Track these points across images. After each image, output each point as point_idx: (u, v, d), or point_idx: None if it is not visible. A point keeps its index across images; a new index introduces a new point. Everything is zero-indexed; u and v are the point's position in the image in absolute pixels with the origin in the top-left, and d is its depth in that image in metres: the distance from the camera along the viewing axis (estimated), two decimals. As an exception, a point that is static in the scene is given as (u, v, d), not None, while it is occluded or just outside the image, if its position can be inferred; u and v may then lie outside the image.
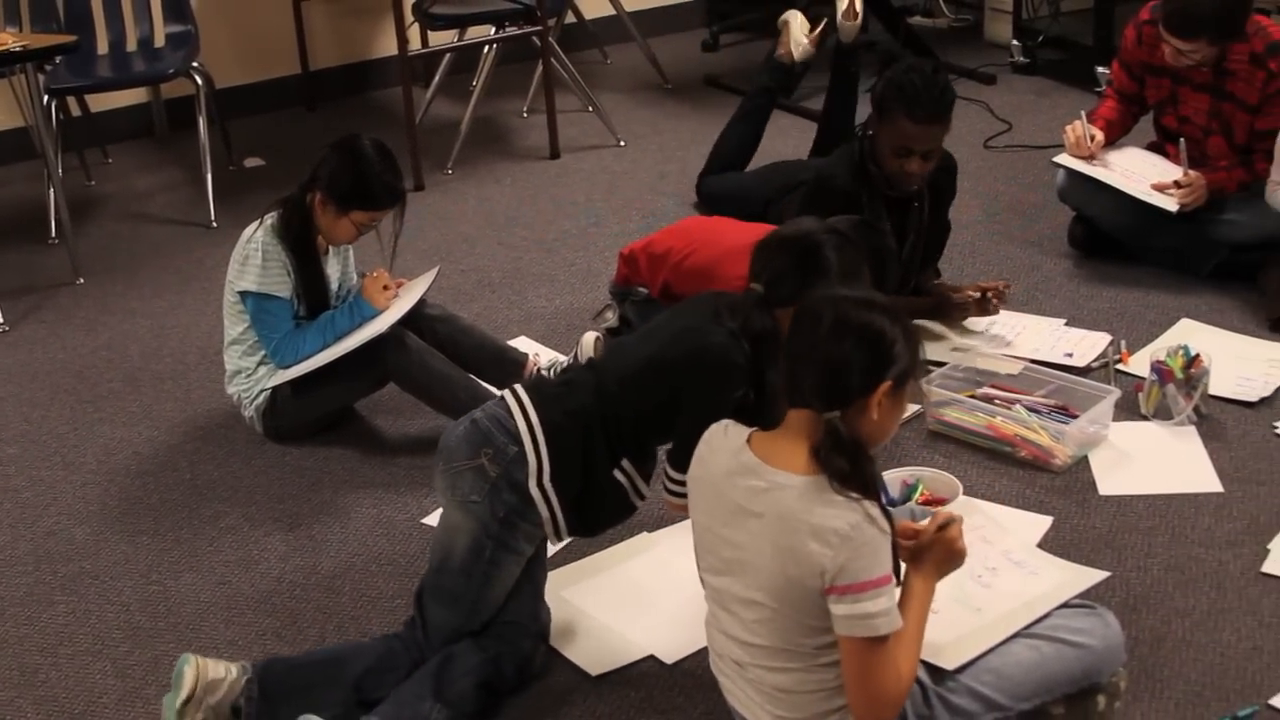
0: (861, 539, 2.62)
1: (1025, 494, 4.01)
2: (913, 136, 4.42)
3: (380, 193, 4.25)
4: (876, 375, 2.69)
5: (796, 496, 2.68)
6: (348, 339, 4.27)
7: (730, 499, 2.79)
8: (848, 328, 2.70)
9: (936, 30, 7.90)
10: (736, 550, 2.79)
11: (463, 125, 6.52)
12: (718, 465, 2.85)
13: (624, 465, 3.33)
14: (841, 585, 2.63)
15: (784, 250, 3.25)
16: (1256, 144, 5.03)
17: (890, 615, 2.65)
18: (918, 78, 4.41)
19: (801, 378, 2.73)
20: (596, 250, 5.56)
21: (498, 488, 3.25)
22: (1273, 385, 4.43)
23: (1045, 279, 5.21)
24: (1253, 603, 3.57)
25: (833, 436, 2.66)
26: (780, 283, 3.19)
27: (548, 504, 3.28)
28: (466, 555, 3.28)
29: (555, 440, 3.26)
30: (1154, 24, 5.01)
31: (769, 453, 2.77)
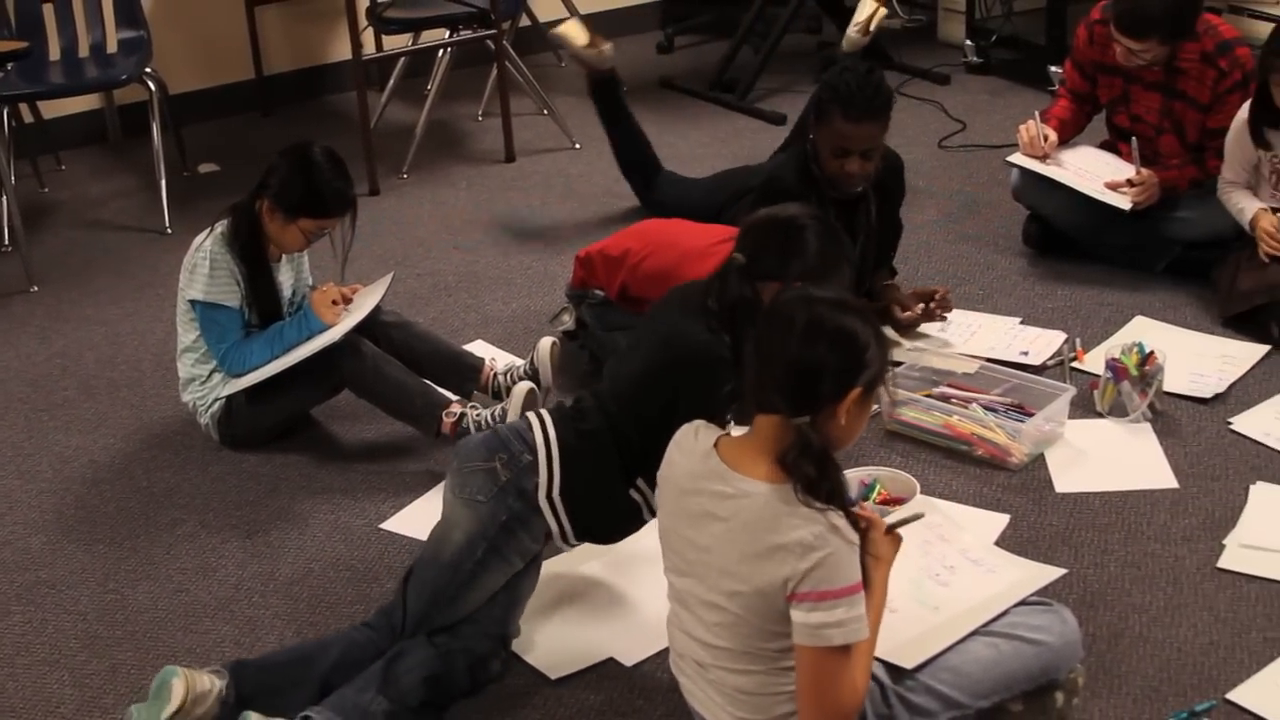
0: (827, 548, 2.61)
1: (982, 492, 4.02)
2: (849, 136, 4.44)
3: (328, 201, 4.23)
4: (848, 381, 2.68)
5: (762, 505, 2.68)
6: (301, 347, 4.25)
7: (696, 502, 2.79)
8: (821, 331, 2.68)
9: (890, 30, 7.89)
10: (700, 553, 2.79)
11: (418, 129, 6.50)
12: (686, 467, 2.85)
13: (639, 484, 3.38)
14: (802, 593, 2.62)
15: (770, 228, 3.31)
16: (1208, 142, 5.06)
17: (848, 627, 2.63)
18: (852, 78, 4.42)
19: (771, 382, 2.71)
20: (553, 253, 5.56)
21: (505, 492, 3.30)
22: (1226, 381, 4.46)
23: (1000, 278, 5.23)
24: (1209, 598, 3.59)
25: (801, 443, 2.64)
26: (763, 256, 3.23)
27: (555, 517, 3.35)
28: (458, 551, 3.31)
29: (568, 458, 3.34)
30: (1105, 23, 5.03)
31: (736, 459, 2.77)
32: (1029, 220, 5.41)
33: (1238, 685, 3.29)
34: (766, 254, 3.24)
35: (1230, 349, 4.66)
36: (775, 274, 3.20)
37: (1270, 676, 3.31)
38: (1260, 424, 4.26)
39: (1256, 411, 4.32)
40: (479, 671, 3.32)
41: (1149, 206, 5.05)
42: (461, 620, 3.33)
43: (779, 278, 3.19)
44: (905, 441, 4.26)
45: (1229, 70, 4.95)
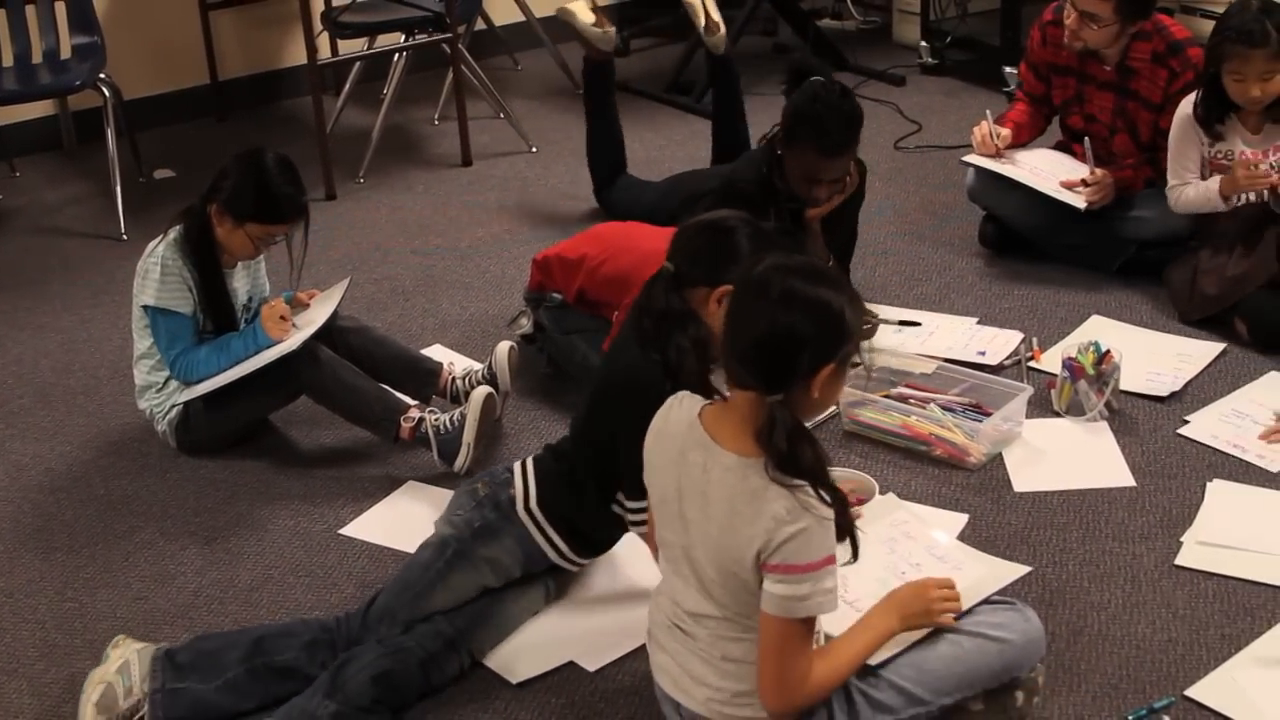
0: (798, 523, 2.64)
1: (941, 492, 4.03)
2: (822, 168, 4.49)
3: (277, 206, 4.20)
4: (824, 355, 2.69)
5: (739, 478, 2.72)
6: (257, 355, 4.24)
7: (684, 473, 2.83)
8: (796, 302, 2.68)
9: (845, 32, 7.93)
10: (689, 524, 2.82)
11: (374, 134, 6.49)
12: (674, 436, 2.88)
13: (619, 499, 3.46)
14: (772, 564, 2.67)
15: (699, 234, 3.32)
16: (1161, 142, 5.07)
17: (812, 601, 2.67)
18: (824, 110, 4.45)
19: (744, 357, 2.72)
20: (510, 257, 5.55)
21: (482, 505, 3.45)
22: (1183, 379, 4.48)
23: (957, 278, 5.25)
24: (1167, 595, 3.61)
25: (774, 420, 2.67)
26: (692, 263, 3.25)
27: (539, 529, 3.44)
28: (431, 550, 3.44)
29: (542, 473, 3.48)
30: (1058, 24, 5.07)
31: (717, 430, 2.80)
32: (985, 221, 5.43)
33: (1196, 682, 3.31)
34: (696, 261, 3.25)
35: (1186, 347, 4.68)
36: (706, 280, 3.22)
37: (1228, 673, 3.33)
38: (1207, 427, 4.29)
39: (1204, 413, 4.35)
40: (432, 670, 3.32)
41: (1104, 206, 5.08)
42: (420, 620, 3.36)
43: (710, 284, 3.21)
44: (864, 442, 4.27)
45: (1181, 70, 4.98)
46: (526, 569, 3.50)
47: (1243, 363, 4.57)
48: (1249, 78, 4.53)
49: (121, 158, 6.12)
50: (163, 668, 3.30)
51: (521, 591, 3.51)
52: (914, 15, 7.61)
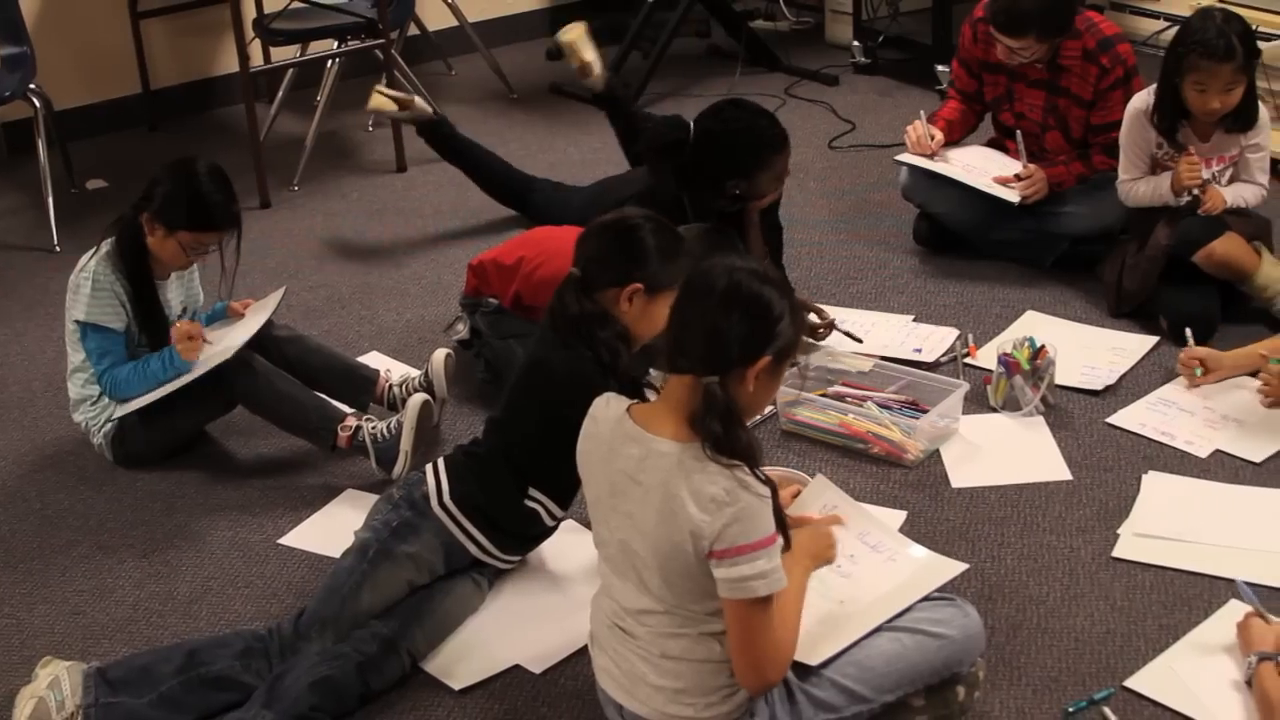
0: (738, 503, 2.68)
1: (879, 489, 4.05)
2: (784, 160, 4.56)
3: (207, 214, 4.18)
4: (759, 346, 2.74)
5: (675, 464, 2.74)
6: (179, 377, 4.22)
7: (616, 468, 2.85)
8: (739, 296, 2.75)
9: (778, 33, 7.95)
10: (625, 518, 2.84)
11: (308, 141, 6.46)
12: (603, 436, 2.91)
13: (533, 494, 3.51)
14: (720, 550, 2.69)
15: (602, 235, 3.40)
16: (1093, 138, 5.12)
17: (770, 577, 2.70)
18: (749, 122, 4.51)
19: (686, 341, 2.77)
20: (446, 262, 5.54)
21: (398, 506, 3.50)
22: (1117, 373, 4.52)
23: (892, 276, 5.27)
24: (1104, 587, 3.63)
25: (709, 400, 2.71)
26: (599, 266, 3.33)
27: (456, 523, 3.48)
28: (353, 555, 3.47)
29: (454, 468, 3.53)
30: (988, 21, 5.08)
31: (648, 420, 2.84)
32: (919, 218, 5.45)
33: (1135, 672, 3.34)
34: (602, 263, 3.34)
35: (1120, 341, 4.72)
36: (614, 281, 3.31)
37: (1166, 663, 3.36)
38: (1135, 415, 4.33)
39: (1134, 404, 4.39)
40: (371, 674, 3.32)
41: (1037, 202, 5.11)
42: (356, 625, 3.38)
43: (619, 284, 3.27)
44: (801, 441, 4.28)
45: (1111, 67, 5.01)
46: (449, 564, 3.52)
47: (1176, 356, 4.59)
48: (1211, 90, 4.53)
49: (53, 168, 6.07)
50: (95, 683, 3.28)
51: (450, 586, 3.52)
52: (846, 15, 7.62)
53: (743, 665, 2.79)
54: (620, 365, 3.27)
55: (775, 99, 6.89)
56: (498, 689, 3.41)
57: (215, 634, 3.50)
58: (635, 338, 3.39)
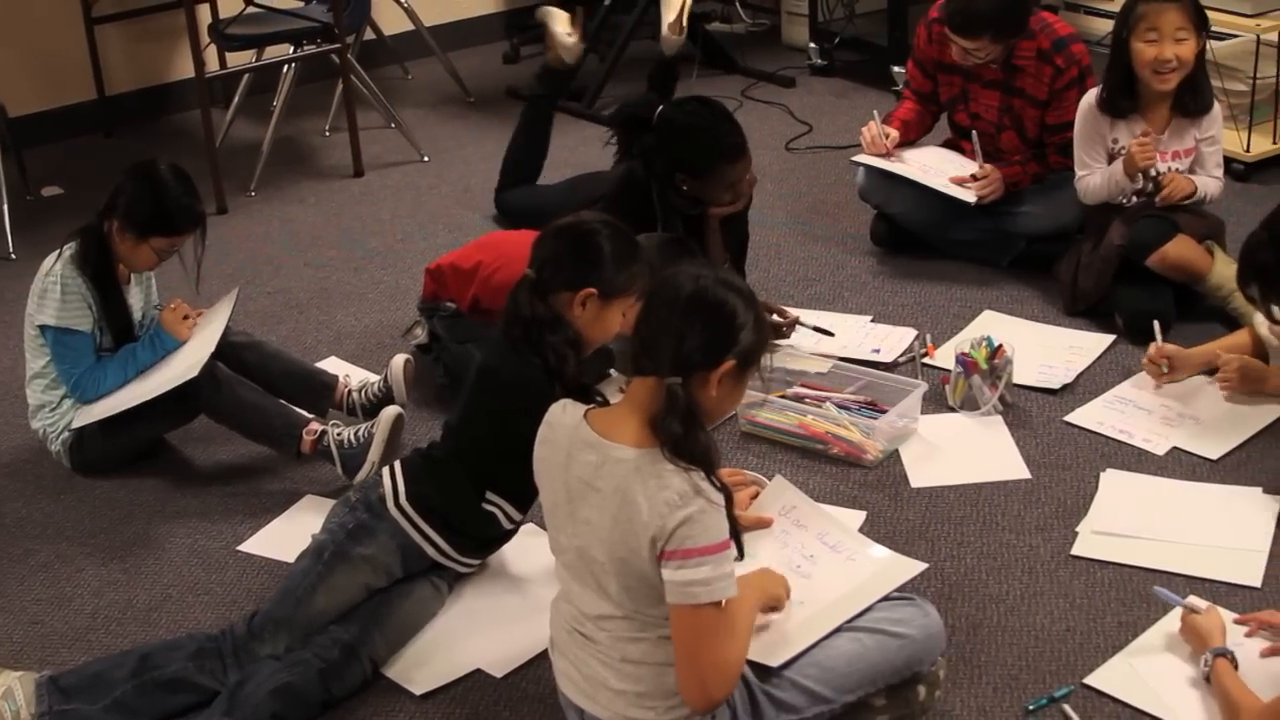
0: (691, 506, 2.68)
1: (839, 490, 4.06)
2: (740, 170, 4.56)
3: (180, 218, 4.19)
4: (722, 350, 2.76)
5: (632, 468, 2.74)
6: (155, 376, 4.20)
7: (573, 474, 2.85)
8: (703, 302, 2.76)
9: (735, 35, 7.96)
10: (583, 524, 2.84)
11: (264, 146, 6.44)
12: (560, 442, 2.90)
13: (490, 497, 3.50)
14: (669, 551, 2.69)
15: (559, 238, 3.41)
16: (1048, 138, 5.14)
17: (714, 585, 2.69)
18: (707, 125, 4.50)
19: (651, 344, 2.78)
20: (404, 267, 5.53)
21: (354, 509, 3.49)
22: (1074, 372, 4.54)
23: (850, 277, 5.28)
24: (1064, 585, 3.65)
25: (671, 401, 2.72)
26: (553, 268, 3.34)
27: (412, 524, 3.47)
28: (309, 557, 3.46)
29: (410, 470, 3.53)
30: (943, 22, 5.10)
31: (606, 426, 2.84)
32: (876, 219, 5.46)
33: (1094, 669, 3.35)
34: (557, 266, 3.35)
35: (1077, 340, 4.74)
36: (569, 285, 3.32)
37: (1125, 660, 3.37)
38: (1093, 414, 4.35)
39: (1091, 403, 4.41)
40: (332, 680, 3.31)
41: (994, 202, 5.13)
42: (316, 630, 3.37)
43: (573, 288, 3.29)
44: (761, 443, 4.29)
45: (1065, 67, 5.03)
46: (406, 567, 3.51)
47: (1133, 354, 4.62)
48: (1163, 36, 4.55)
49: (8, 175, 6.03)
50: (49, 691, 3.27)
51: (409, 589, 3.52)
52: (802, 17, 7.64)
53: (686, 677, 2.76)
54: (568, 371, 3.28)
55: (732, 101, 6.89)
56: (459, 693, 3.40)
57: (168, 638, 3.49)
58: (587, 343, 3.40)
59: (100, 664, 3.36)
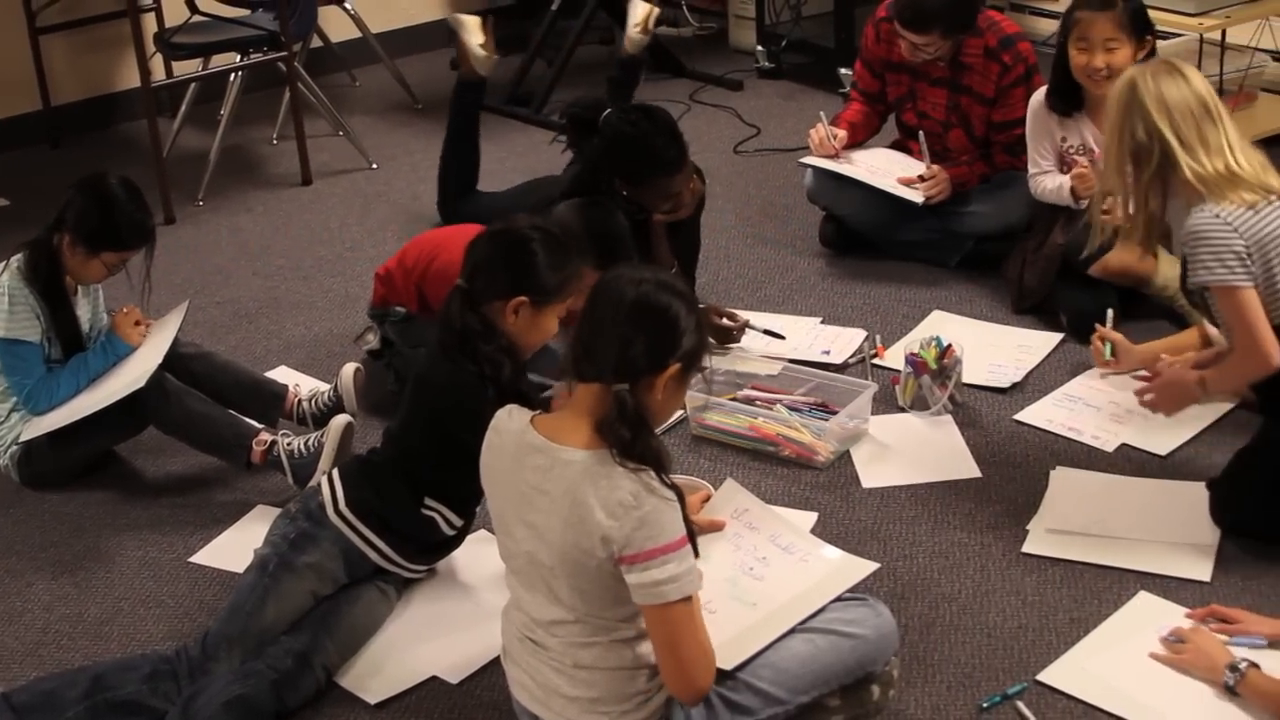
0: (645, 507, 2.68)
1: (791, 491, 4.06)
2: (677, 182, 4.56)
3: (130, 233, 4.18)
4: (666, 355, 2.77)
5: (581, 471, 2.74)
6: (105, 386, 4.18)
7: (522, 479, 2.84)
8: (646, 307, 2.77)
9: (682, 39, 7.97)
10: (532, 529, 2.83)
11: (212, 155, 6.41)
12: (507, 448, 2.90)
13: (429, 503, 3.50)
14: (629, 555, 2.69)
15: (490, 245, 3.41)
16: (995, 136, 5.17)
17: (682, 581, 2.70)
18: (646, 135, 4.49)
19: (594, 349, 2.79)
20: (354, 274, 5.52)
21: (295, 519, 3.48)
22: (1024, 370, 4.56)
23: (800, 279, 5.30)
24: (1015, 583, 3.66)
25: (619, 407, 2.72)
26: (485, 277, 3.35)
27: (354, 530, 3.47)
28: (254, 571, 3.45)
29: (348, 477, 3.52)
30: (890, 21, 5.13)
31: (553, 430, 2.83)
32: (825, 221, 5.48)
33: (1047, 666, 3.37)
34: (490, 275, 3.36)
35: (1026, 338, 4.76)
36: (501, 294, 3.33)
37: (1077, 656, 3.40)
38: (1042, 412, 4.38)
39: (1040, 401, 4.44)
40: (286, 691, 3.30)
41: (941, 202, 5.15)
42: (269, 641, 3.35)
43: (505, 296, 3.30)
44: (712, 445, 4.30)
45: (1012, 65, 5.06)
46: (351, 572, 3.51)
47: (1081, 352, 4.64)
48: (1094, 45, 4.58)
49: (-46, 188, 6.01)
50: (1, 709, 3.24)
51: (356, 595, 3.51)
52: (749, 20, 7.65)
53: (671, 673, 2.78)
54: (503, 379, 3.29)
55: (680, 105, 6.91)
56: (414, 702, 3.40)
57: (122, 657, 3.47)
58: (521, 350, 3.41)
59: (53, 681, 3.33)
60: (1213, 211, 3.55)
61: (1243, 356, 3.63)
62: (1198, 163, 3.58)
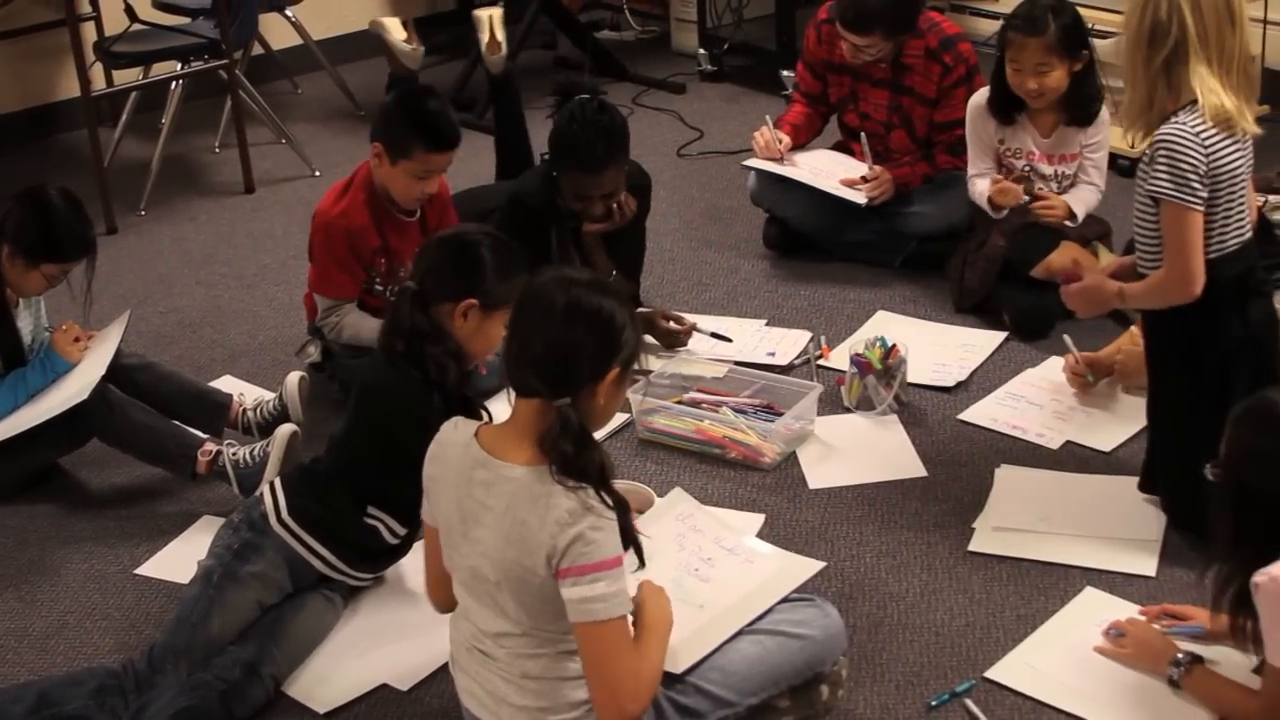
0: (581, 524, 2.67)
1: (738, 493, 4.07)
2: (588, 185, 4.54)
3: (71, 245, 4.14)
4: (607, 361, 2.74)
5: (523, 487, 2.73)
6: (47, 399, 4.15)
7: (467, 493, 2.83)
8: (580, 313, 2.73)
9: (624, 43, 7.98)
10: (476, 544, 2.82)
11: (153, 164, 6.37)
12: (452, 460, 2.88)
13: (371, 511, 3.50)
14: (564, 569, 2.68)
15: (440, 249, 3.43)
16: (936, 136, 5.19)
17: (611, 601, 2.69)
18: (579, 128, 4.50)
19: (529, 366, 2.75)
20: (298, 283, 5.46)
21: (238, 530, 3.47)
22: (968, 369, 4.58)
23: (744, 281, 5.31)
24: (962, 581, 3.68)
25: (564, 425, 2.70)
26: (435, 280, 3.36)
27: (297, 539, 3.47)
28: (198, 583, 3.44)
29: (290, 486, 3.52)
30: (832, 22, 5.15)
31: (496, 445, 2.81)
32: (769, 223, 5.49)
33: (995, 663, 3.38)
34: (440, 278, 3.37)
35: (970, 338, 4.78)
36: (450, 296, 3.35)
37: (1024, 653, 3.41)
38: (986, 411, 4.40)
39: (984, 400, 4.46)
40: (234, 701, 3.29)
41: (884, 203, 5.17)
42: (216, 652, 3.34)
43: (454, 299, 3.32)
44: (659, 449, 4.30)
45: (953, 65, 5.09)
46: (296, 581, 3.50)
47: (1025, 350, 4.68)
48: (1025, 68, 4.61)
49: (-110, 200, 5.95)
50: None
51: (301, 603, 3.50)
52: (691, 23, 7.67)
53: (598, 692, 2.75)
54: (448, 382, 3.29)
55: (623, 108, 6.82)
56: (363, 710, 3.39)
57: (68, 672, 3.45)
58: (469, 355, 3.41)
59: None
60: (1191, 124, 3.48)
61: (1169, 277, 3.58)
62: (1206, 65, 3.48)
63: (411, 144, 4.28)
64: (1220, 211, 3.54)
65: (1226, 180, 3.52)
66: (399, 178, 4.33)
